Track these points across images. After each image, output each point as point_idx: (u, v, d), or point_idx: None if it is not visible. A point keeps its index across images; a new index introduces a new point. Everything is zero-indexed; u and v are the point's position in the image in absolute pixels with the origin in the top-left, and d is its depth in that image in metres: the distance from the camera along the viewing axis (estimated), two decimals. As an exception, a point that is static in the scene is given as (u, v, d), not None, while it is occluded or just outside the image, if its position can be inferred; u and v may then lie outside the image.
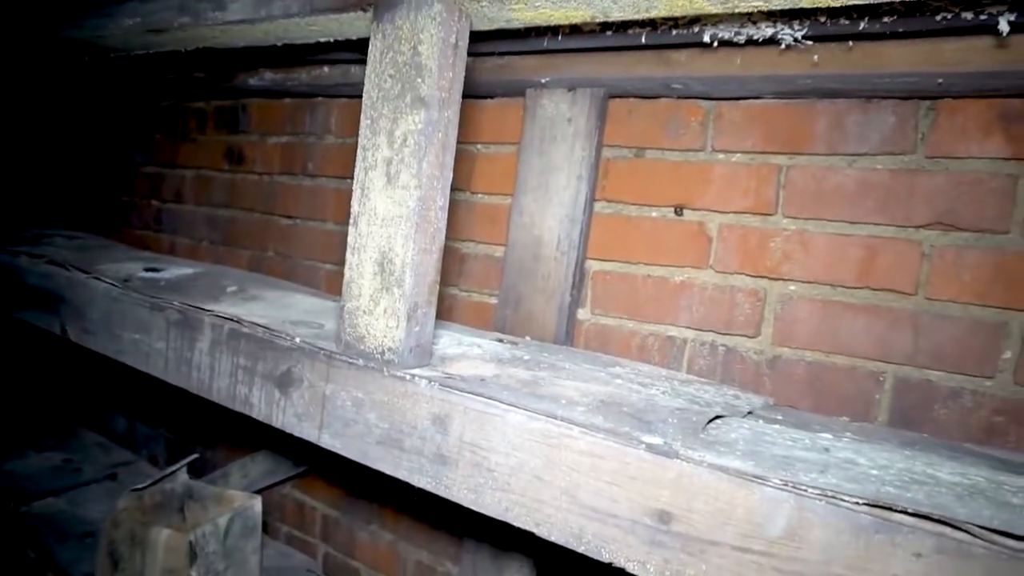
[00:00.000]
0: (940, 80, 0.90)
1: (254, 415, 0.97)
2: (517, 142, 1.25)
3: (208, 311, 1.06)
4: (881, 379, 1.00)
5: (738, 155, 1.11)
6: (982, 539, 0.55)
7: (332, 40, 1.08)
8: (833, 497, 0.60)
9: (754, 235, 1.09)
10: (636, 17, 0.81)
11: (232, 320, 1.02)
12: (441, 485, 0.80)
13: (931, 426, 0.96)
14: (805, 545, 0.60)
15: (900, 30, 0.82)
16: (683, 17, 0.92)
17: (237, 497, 1.31)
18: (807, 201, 1.05)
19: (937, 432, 0.95)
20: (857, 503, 0.59)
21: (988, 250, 0.94)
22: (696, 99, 1.14)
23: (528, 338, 1.17)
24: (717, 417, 0.79)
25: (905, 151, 0.99)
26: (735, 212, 1.11)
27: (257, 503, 1.30)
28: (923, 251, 0.98)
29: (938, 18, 0.79)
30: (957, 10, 0.77)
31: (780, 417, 0.87)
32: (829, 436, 0.78)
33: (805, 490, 0.61)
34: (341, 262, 1.61)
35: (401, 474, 0.81)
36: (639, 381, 0.93)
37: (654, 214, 1.18)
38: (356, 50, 1.25)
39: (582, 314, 1.22)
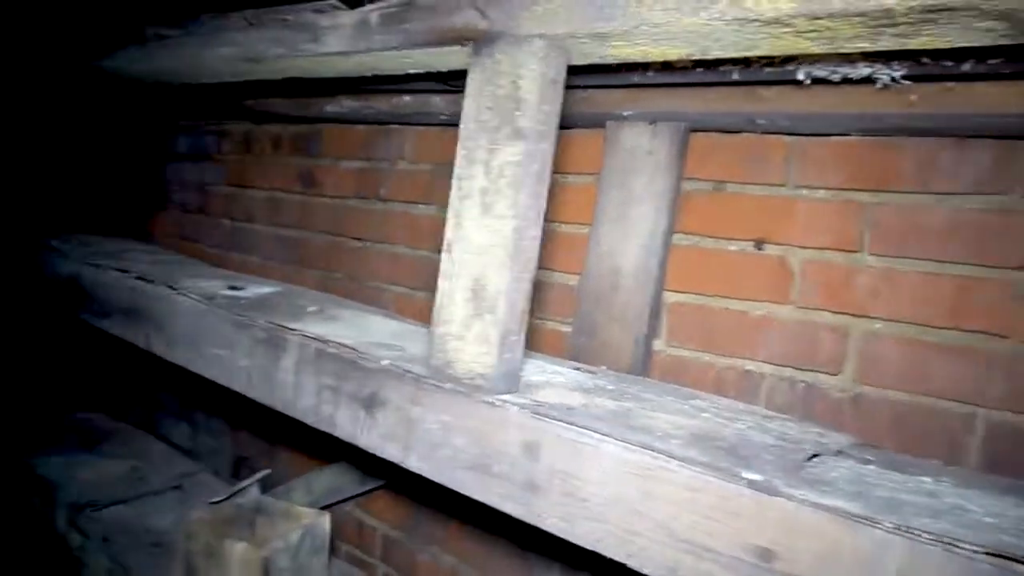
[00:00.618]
0: (1039, 121, 0.89)
1: (338, 434, 0.99)
2: (597, 173, 1.27)
3: (293, 330, 1.08)
4: (971, 422, 0.98)
5: (822, 191, 1.11)
6: None
7: (423, 72, 1.11)
8: (949, 544, 0.59)
9: (838, 271, 1.08)
10: (735, 55, 0.82)
11: (318, 340, 1.05)
12: (532, 512, 0.81)
13: (1022, 470, 0.94)
14: (918, 592, 0.59)
15: (1006, 72, 0.81)
16: (779, 56, 0.93)
17: (306, 514, 1.33)
18: (894, 239, 1.05)
19: (1031, 479, 0.93)
20: (976, 551, 0.58)
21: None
22: (780, 135, 1.14)
23: (605, 368, 1.17)
24: (815, 455, 0.78)
25: (999, 191, 0.98)
26: (818, 248, 1.10)
27: (325, 520, 1.32)
28: (1017, 293, 0.96)
29: (1045, 60, 0.79)
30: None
31: (871, 457, 0.86)
32: (929, 480, 0.77)
33: (919, 535, 0.60)
34: (410, 285, 1.64)
35: (491, 500, 0.82)
36: (724, 415, 0.93)
37: (733, 247, 1.18)
38: (440, 80, 1.28)
39: (658, 345, 1.22)
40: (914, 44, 0.76)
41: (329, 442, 0.98)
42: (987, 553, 0.58)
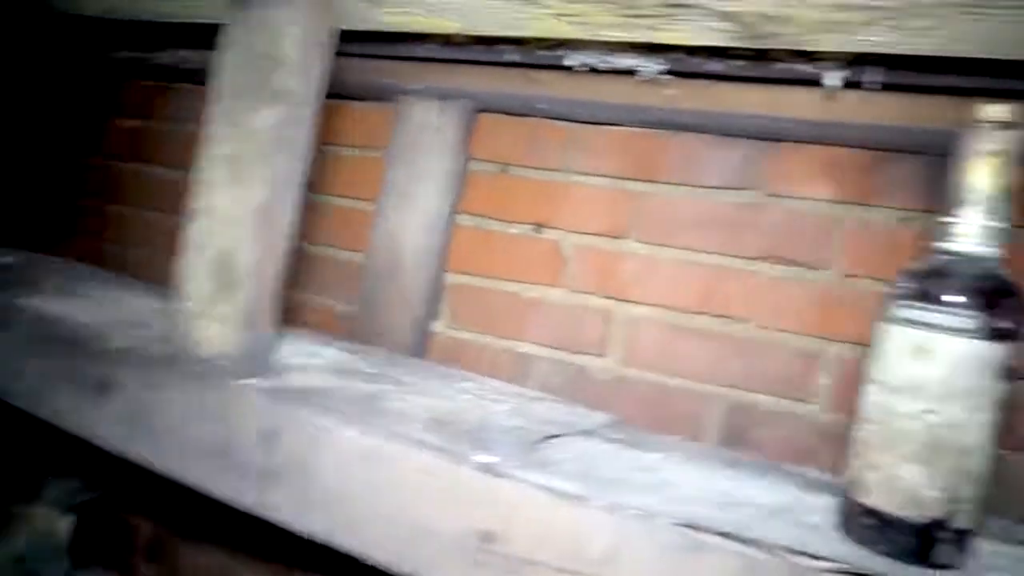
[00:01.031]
0: (781, 125, 0.97)
1: (62, 423, 0.89)
2: (385, 147, 1.23)
3: (21, 309, 0.96)
4: (714, 401, 1.05)
5: (596, 178, 1.14)
6: (780, 557, 0.58)
7: (187, 22, 1.02)
8: (650, 518, 0.61)
9: (605, 257, 1.12)
10: (505, 34, 0.81)
11: (48, 319, 0.94)
12: (266, 505, 0.76)
13: (755, 447, 1.02)
14: (623, 566, 0.62)
15: (749, 75, 0.87)
16: (550, 39, 0.94)
17: (39, 516, 1.19)
18: (657, 228, 1.10)
19: (761, 453, 1.01)
20: (671, 524, 0.61)
21: (810, 284, 1.01)
22: (560, 120, 1.16)
23: (384, 349, 1.14)
24: (553, 436, 0.80)
25: (748, 187, 1.05)
26: (590, 233, 1.14)
27: (64, 523, 1.19)
28: (757, 281, 1.04)
29: (779, 67, 0.85)
30: (795, 62, 0.83)
31: (618, 436, 0.89)
32: (659, 456, 0.81)
33: (625, 511, 0.62)
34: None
35: (224, 492, 0.77)
36: (486, 398, 0.93)
37: (514, 230, 1.19)
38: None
39: (438, 327, 1.21)
40: (663, 37, 0.79)
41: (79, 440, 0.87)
42: (680, 524, 0.61)
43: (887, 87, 0.82)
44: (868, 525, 0.59)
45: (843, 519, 0.63)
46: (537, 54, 0.95)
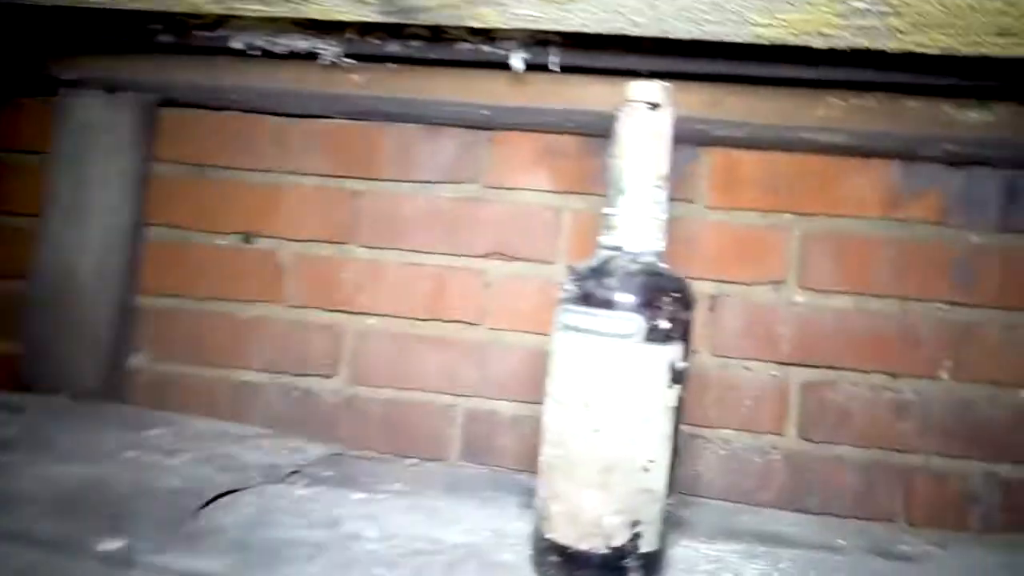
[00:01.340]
0: (487, 112, 0.90)
1: None
2: (47, 151, 1.01)
3: None
4: (452, 413, 0.97)
5: (310, 177, 1.01)
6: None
7: None
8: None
9: (328, 265, 1.00)
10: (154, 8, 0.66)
11: None
12: None
13: (497, 456, 0.96)
14: (277, 656, 0.51)
15: (432, 57, 0.78)
16: (206, 15, 0.79)
17: None
18: (381, 229, 1.00)
19: (505, 460, 0.95)
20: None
21: (539, 280, 0.96)
22: (263, 114, 1.02)
23: (58, 397, 0.94)
24: (225, 494, 0.67)
25: (467, 180, 0.98)
26: (308, 240, 1.01)
27: None
28: (485, 281, 0.97)
29: (464, 48, 0.77)
30: (477, 42, 0.76)
31: (328, 474, 0.78)
32: (365, 497, 0.71)
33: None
34: None
35: None
36: (167, 449, 0.78)
37: (221, 242, 1.03)
38: None
39: (136, 362, 1.03)
40: (311, 12, 0.68)
41: None
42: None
43: (572, 69, 0.77)
44: (554, 563, 0.53)
45: (534, 556, 0.56)
46: (198, 35, 0.80)
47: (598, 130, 0.90)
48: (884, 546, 0.76)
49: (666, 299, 0.51)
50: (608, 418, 0.51)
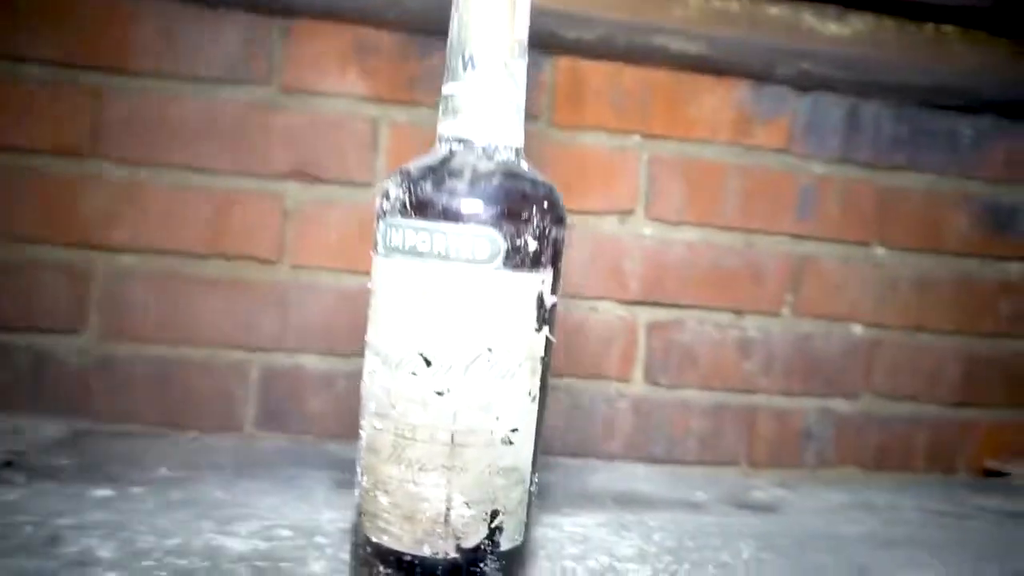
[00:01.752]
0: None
1: None
2: None
3: None
4: (245, 371, 0.78)
5: (35, 66, 0.75)
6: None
7: None
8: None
9: (64, 186, 0.76)
10: None
11: None
12: None
13: (303, 423, 0.79)
14: None
15: None
16: None
17: None
18: (140, 140, 0.76)
19: (313, 427, 0.78)
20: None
21: (353, 206, 0.79)
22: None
23: None
24: None
25: (258, 81, 0.77)
26: (37, 153, 0.75)
27: None
28: (285, 207, 0.78)
29: None
30: None
31: (67, 461, 0.57)
32: (109, 492, 0.52)
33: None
34: None
35: None
36: None
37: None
38: None
39: None
40: None
41: None
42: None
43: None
44: (383, 575, 0.38)
45: (354, 567, 0.41)
46: None
47: (427, 23, 0.73)
48: (739, 495, 0.70)
49: (533, 209, 0.37)
50: (456, 375, 0.37)
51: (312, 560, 0.44)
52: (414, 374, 0.37)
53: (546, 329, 0.39)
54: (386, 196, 0.39)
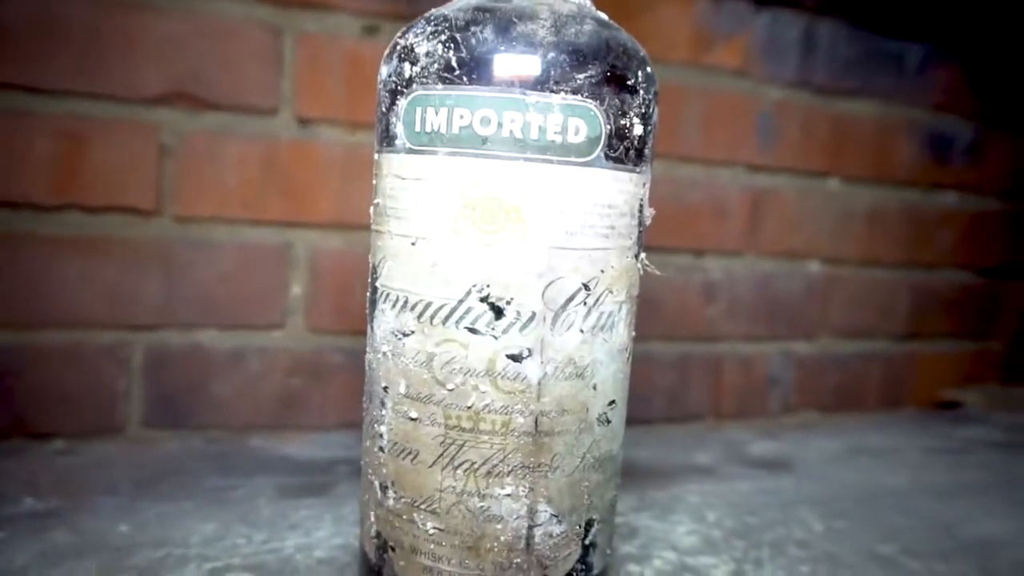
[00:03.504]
0: None
1: None
2: None
3: None
4: (126, 354, 0.60)
5: None
6: None
7: None
8: None
9: None
10: None
11: None
12: None
13: (212, 413, 0.62)
14: None
15: None
16: None
17: None
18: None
19: (221, 419, 0.62)
20: None
21: (252, 138, 0.62)
22: None
23: None
24: None
25: (115, -29, 0.58)
26: None
27: None
28: (163, 142, 0.60)
29: None
30: None
31: None
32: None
33: None
34: None
35: None
36: None
37: None
38: None
39: None
40: None
41: None
42: None
43: None
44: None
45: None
46: None
47: None
48: (738, 454, 0.63)
49: (639, 76, 0.25)
50: (541, 328, 0.24)
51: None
52: (475, 331, 0.24)
53: (642, 257, 0.27)
54: (407, 57, 0.25)
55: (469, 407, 0.24)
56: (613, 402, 0.27)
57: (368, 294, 0.28)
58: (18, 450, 0.53)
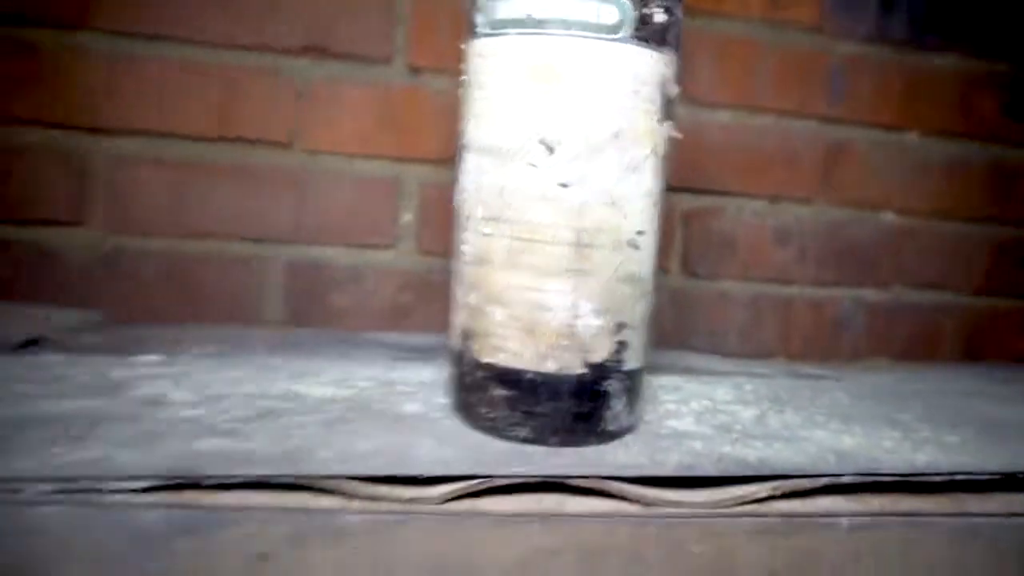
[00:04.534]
0: None
1: None
2: None
3: None
4: (265, 266, 0.73)
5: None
6: (352, 497, 0.30)
7: None
8: (82, 491, 0.28)
9: (49, 61, 0.68)
10: None
11: None
12: None
13: (330, 317, 0.74)
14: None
15: None
16: None
17: None
18: (123, 6, 0.69)
19: (342, 323, 0.74)
20: (125, 490, 0.28)
21: (370, 84, 0.73)
22: None
23: None
24: None
25: (265, -55, 0.70)
26: (33, 24, 0.68)
27: None
28: (297, 88, 0.72)
29: None
30: None
31: (96, 340, 0.52)
32: (151, 358, 0.46)
33: (21, 489, 0.28)
34: None
35: None
36: None
37: None
38: None
39: None
40: None
41: None
42: (150, 488, 0.28)
43: None
44: (500, 399, 0.35)
45: (458, 397, 0.37)
46: None
47: None
48: (797, 373, 0.68)
49: (663, -21, 0.33)
50: (582, 164, 0.33)
51: (401, 402, 0.40)
52: (533, 165, 0.33)
53: (668, 124, 0.35)
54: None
55: (529, 222, 0.33)
56: (642, 232, 0.35)
57: (456, 151, 0.37)
58: (184, 328, 0.66)
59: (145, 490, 0.28)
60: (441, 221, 0.75)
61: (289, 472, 0.30)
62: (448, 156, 0.75)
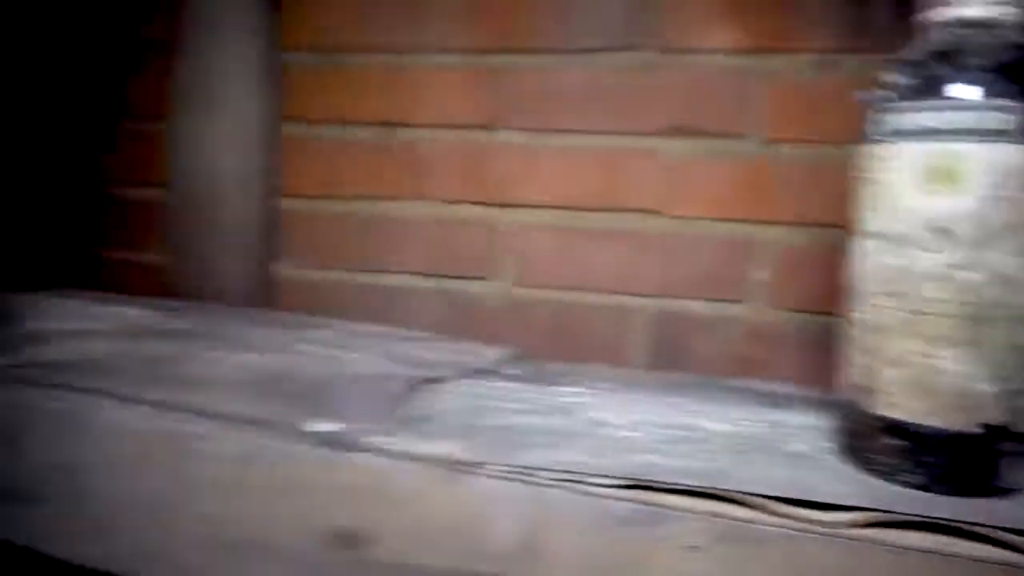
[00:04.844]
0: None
1: None
2: (168, 40, 0.93)
3: None
4: (633, 315, 0.86)
5: (449, 56, 0.90)
6: (769, 513, 0.38)
7: None
8: (576, 482, 0.41)
9: (476, 154, 0.89)
10: None
11: None
12: (20, 533, 0.51)
13: (692, 362, 0.84)
14: (543, 558, 0.41)
15: None
16: None
17: None
18: (533, 110, 0.87)
19: (698, 368, 0.83)
20: (606, 486, 0.40)
21: (726, 157, 0.82)
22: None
23: (209, 304, 0.87)
24: (429, 381, 0.57)
25: (635, 46, 0.84)
26: (453, 127, 0.90)
27: None
28: (663, 162, 0.84)
29: None
30: None
31: (519, 372, 0.68)
32: (576, 390, 0.60)
33: (535, 475, 0.41)
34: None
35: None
36: (339, 345, 0.69)
37: (362, 134, 0.93)
38: None
39: (282, 268, 0.95)
40: None
41: None
42: (619, 486, 0.40)
43: None
44: (892, 447, 0.41)
45: (848, 443, 0.44)
46: None
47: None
48: None
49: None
50: (974, 250, 0.38)
51: (789, 442, 0.48)
52: (928, 250, 0.39)
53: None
54: (882, 84, 0.41)
55: (923, 298, 0.39)
56: (1034, 307, 0.38)
57: (851, 237, 0.44)
58: (576, 366, 0.81)
59: (616, 487, 0.40)
60: (792, 278, 0.81)
61: (721, 486, 0.39)
62: (799, 220, 0.81)
